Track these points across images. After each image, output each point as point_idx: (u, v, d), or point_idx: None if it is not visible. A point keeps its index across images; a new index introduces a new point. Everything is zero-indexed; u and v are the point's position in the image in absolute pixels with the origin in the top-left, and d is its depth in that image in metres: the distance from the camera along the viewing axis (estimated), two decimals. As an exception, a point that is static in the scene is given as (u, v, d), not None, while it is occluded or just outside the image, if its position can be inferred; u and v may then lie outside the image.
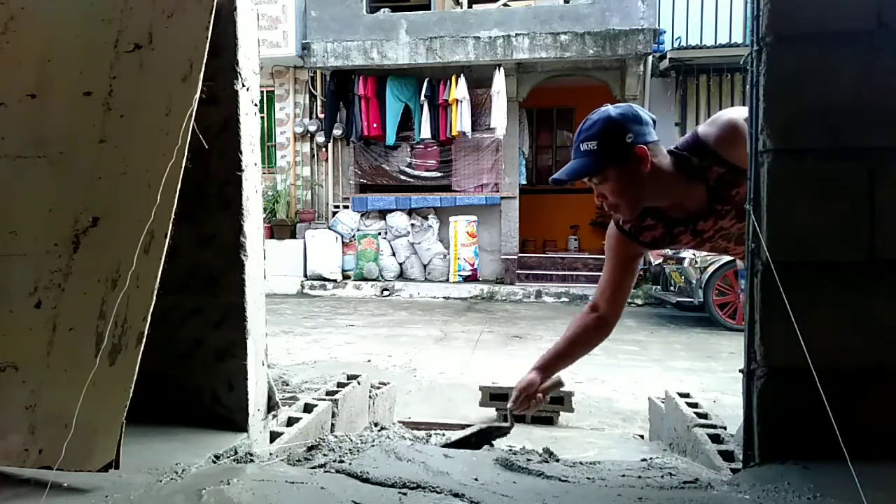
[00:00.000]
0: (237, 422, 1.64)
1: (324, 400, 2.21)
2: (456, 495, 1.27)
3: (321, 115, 10.53)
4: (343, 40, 9.71)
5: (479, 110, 9.82)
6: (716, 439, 1.83)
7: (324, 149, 10.66)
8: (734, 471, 1.50)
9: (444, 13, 10.04)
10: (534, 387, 1.86)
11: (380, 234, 10.05)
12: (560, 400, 3.19)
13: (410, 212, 10.11)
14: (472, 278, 9.77)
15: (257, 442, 1.67)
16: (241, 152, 1.65)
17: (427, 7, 10.37)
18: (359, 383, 2.54)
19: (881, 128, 1.30)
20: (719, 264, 6.60)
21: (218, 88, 1.62)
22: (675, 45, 9.78)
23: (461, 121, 9.44)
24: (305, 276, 10.00)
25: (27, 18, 1.63)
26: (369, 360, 4.91)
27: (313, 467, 1.52)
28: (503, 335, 6.30)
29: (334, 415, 2.21)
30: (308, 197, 10.83)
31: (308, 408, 2.11)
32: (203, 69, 1.48)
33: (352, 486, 1.31)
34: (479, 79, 9.69)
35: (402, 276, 10.10)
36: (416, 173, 10.20)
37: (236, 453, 1.53)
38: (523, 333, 6.40)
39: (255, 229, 1.70)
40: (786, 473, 1.28)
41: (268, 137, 10.81)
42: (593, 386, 4.12)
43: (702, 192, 1.62)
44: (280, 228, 10.23)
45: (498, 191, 10.01)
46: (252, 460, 1.53)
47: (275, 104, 10.79)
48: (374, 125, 9.93)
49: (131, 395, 1.26)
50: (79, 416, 1.24)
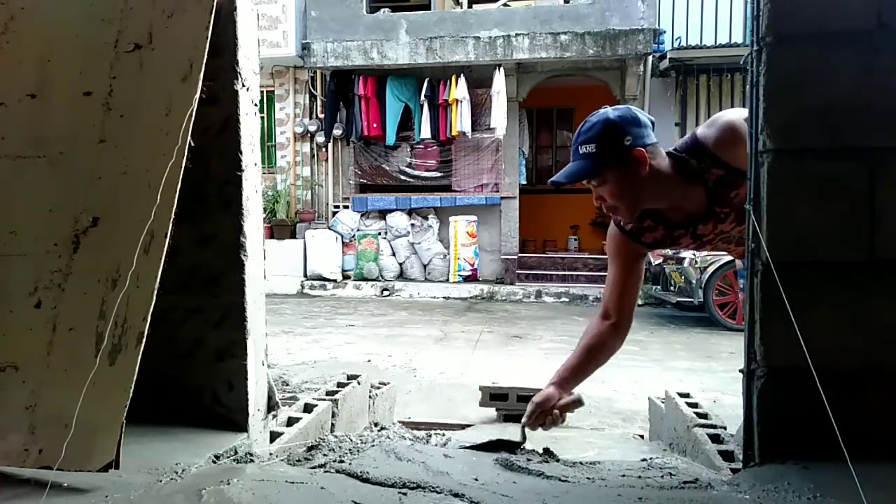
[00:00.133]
0: (237, 422, 1.64)
1: (324, 400, 2.21)
2: (456, 495, 1.27)
3: (321, 115, 10.54)
4: (343, 40, 9.71)
5: (479, 110, 9.82)
6: (716, 439, 1.83)
7: (324, 149, 10.66)
8: (734, 471, 1.50)
9: (444, 13, 10.04)
10: (551, 402, 1.77)
11: (380, 234, 10.05)
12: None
13: (410, 212, 10.12)
14: (472, 278, 9.77)
15: (257, 442, 1.66)
16: (241, 152, 1.65)
17: (427, 7, 10.37)
18: (359, 383, 2.54)
19: (881, 128, 1.30)
20: (719, 264, 6.61)
21: (218, 88, 1.62)
22: (675, 45, 9.78)
23: (461, 121, 9.45)
24: (305, 276, 10.00)
25: (27, 18, 1.63)
26: (369, 360, 4.91)
27: (313, 467, 1.52)
28: (503, 335, 6.30)
29: (334, 415, 2.21)
30: (308, 197, 10.83)
31: (308, 408, 2.11)
32: (203, 69, 1.48)
33: (352, 486, 1.31)
34: (479, 79, 9.69)
35: (402, 276, 10.10)
36: (416, 173, 10.21)
37: (236, 453, 1.53)
38: (523, 333, 6.40)
39: (255, 229, 1.70)
40: (786, 473, 1.28)
41: (268, 137, 10.81)
42: (593, 386, 4.11)
43: (700, 193, 1.62)
44: (280, 228, 10.23)
45: (498, 191, 10.01)
46: (252, 460, 1.52)
47: (275, 104, 10.79)
48: (374, 125, 9.94)
49: (131, 395, 1.26)
50: (79, 416, 1.24)
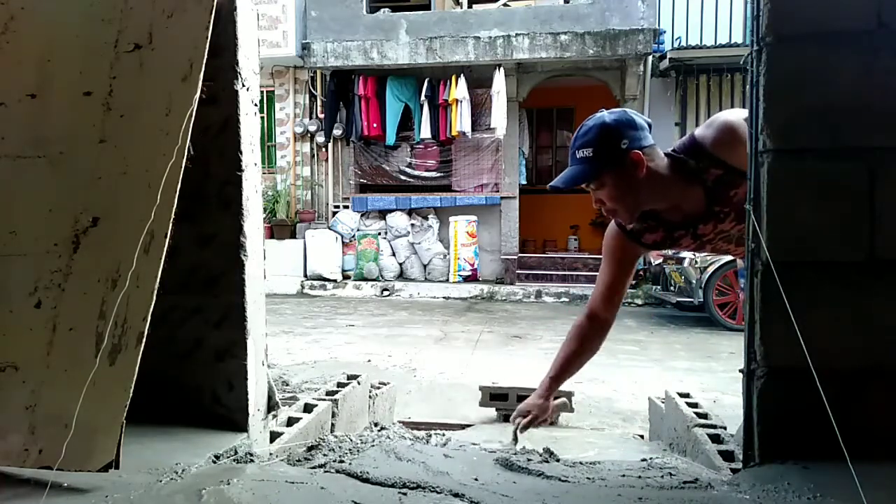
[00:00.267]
0: (237, 422, 1.64)
1: (324, 400, 2.21)
2: (456, 495, 1.27)
3: (321, 115, 10.54)
4: (343, 40, 9.71)
5: (479, 110, 9.82)
6: (716, 439, 1.83)
7: (324, 149, 10.66)
8: (734, 471, 1.50)
9: (444, 13, 10.04)
10: (535, 410, 1.86)
11: (380, 234, 10.05)
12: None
13: (410, 212, 10.12)
14: (472, 278, 9.77)
15: (257, 442, 1.67)
16: (241, 152, 1.65)
17: (427, 7, 10.37)
18: (359, 383, 2.54)
19: (881, 128, 1.30)
20: (719, 264, 6.61)
21: (218, 88, 1.62)
22: (675, 45, 9.78)
23: (461, 121, 9.44)
24: (305, 276, 10.00)
25: (27, 18, 1.63)
26: (369, 360, 4.91)
27: (313, 467, 1.51)
28: (503, 335, 6.30)
29: (334, 415, 2.21)
30: (308, 197, 10.83)
31: (308, 408, 2.11)
32: (203, 69, 1.48)
33: (352, 486, 1.31)
34: (479, 79, 9.69)
35: (402, 276, 10.10)
36: (416, 173, 10.21)
37: (236, 453, 1.53)
38: (523, 333, 6.40)
39: (255, 229, 1.70)
40: (786, 473, 1.28)
41: (268, 137, 10.81)
42: (593, 386, 4.12)
43: (699, 194, 1.62)
44: (280, 228, 10.23)
45: (498, 191, 10.01)
46: (252, 460, 1.52)
47: (275, 104, 10.79)
48: (374, 125, 9.94)
49: (131, 395, 1.26)
50: (79, 416, 1.24)
